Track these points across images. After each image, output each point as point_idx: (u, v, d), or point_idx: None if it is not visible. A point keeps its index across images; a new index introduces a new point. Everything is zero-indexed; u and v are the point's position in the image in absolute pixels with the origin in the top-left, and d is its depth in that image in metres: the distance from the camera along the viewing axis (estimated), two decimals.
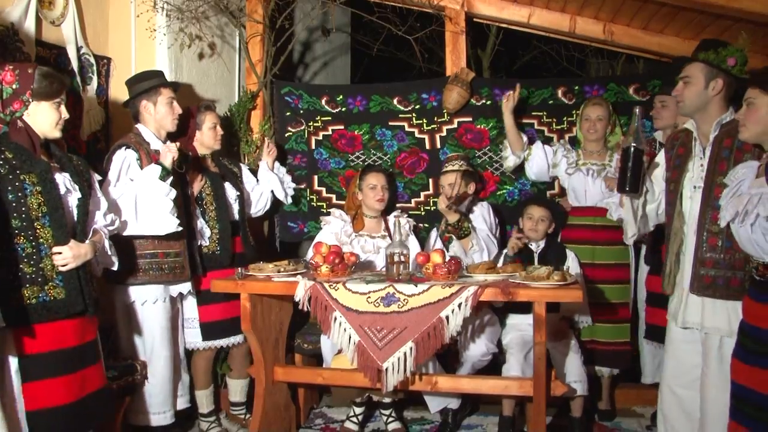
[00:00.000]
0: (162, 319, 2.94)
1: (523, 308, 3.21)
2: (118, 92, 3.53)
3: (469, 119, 3.82)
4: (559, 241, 3.50)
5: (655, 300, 3.15)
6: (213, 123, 3.24)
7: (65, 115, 2.33)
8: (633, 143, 2.44)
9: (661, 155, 2.61)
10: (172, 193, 2.76)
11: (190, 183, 3.11)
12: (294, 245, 4.20)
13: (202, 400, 3.26)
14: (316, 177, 3.99)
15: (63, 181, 2.29)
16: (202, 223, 3.16)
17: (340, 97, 3.91)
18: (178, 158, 2.86)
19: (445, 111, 3.81)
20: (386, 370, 2.65)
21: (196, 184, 3.16)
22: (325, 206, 3.96)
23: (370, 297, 2.70)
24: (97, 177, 2.56)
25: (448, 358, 3.26)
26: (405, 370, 2.65)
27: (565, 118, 3.78)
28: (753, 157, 2.18)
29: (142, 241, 2.87)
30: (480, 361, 3.16)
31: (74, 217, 2.32)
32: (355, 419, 3.28)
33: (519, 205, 3.76)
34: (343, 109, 3.92)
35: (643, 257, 3.38)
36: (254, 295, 2.89)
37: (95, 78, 3.36)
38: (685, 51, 3.81)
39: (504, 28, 4.70)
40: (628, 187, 2.48)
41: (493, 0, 3.97)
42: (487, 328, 3.20)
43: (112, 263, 2.56)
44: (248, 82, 4.07)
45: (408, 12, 4.10)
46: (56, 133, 2.32)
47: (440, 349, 2.74)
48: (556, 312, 3.16)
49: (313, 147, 3.97)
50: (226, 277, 2.98)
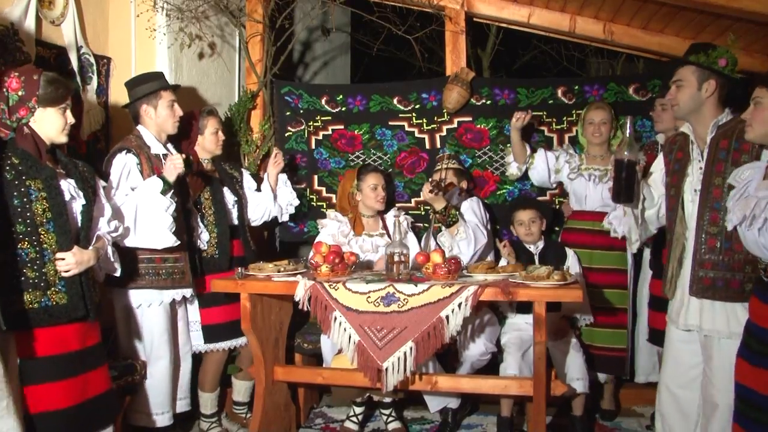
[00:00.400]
0: (161, 323, 2.93)
1: (523, 308, 3.22)
2: (118, 92, 3.52)
3: (469, 119, 3.82)
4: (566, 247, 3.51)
5: (658, 304, 3.12)
6: (215, 128, 3.24)
7: (71, 120, 2.35)
8: (626, 153, 2.43)
9: (660, 159, 2.60)
10: (171, 208, 2.76)
11: (191, 187, 3.11)
12: (294, 245, 4.20)
13: (207, 402, 3.25)
14: (316, 177, 3.99)
15: (68, 188, 2.30)
16: (201, 228, 3.15)
17: (340, 96, 3.91)
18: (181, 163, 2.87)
19: (445, 111, 3.81)
20: (386, 369, 2.65)
21: (196, 189, 3.15)
22: (325, 206, 3.96)
23: (370, 297, 2.70)
24: (102, 183, 2.57)
25: (447, 357, 3.26)
26: (405, 370, 2.65)
27: (565, 118, 3.78)
28: (751, 157, 2.18)
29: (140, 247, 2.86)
30: (479, 361, 3.17)
31: (78, 224, 2.33)
32: (355, 419, 3.28)
33: None
34: (343, 109, 3.92)
35: (648, 262, 3.37)
36: (254, 294, 2.89)
37: (95, 78, 3.36)
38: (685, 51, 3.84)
39: (504, 28, 4.71)
40: (623, 198, 2.49)
41: (493, 0, 3.97)
42: (486, 327, 3.20)
43: (115, 269, 2.57)
44: (248, 82, 4.08)
45: (408, 12, 4.10)
46: (62, 139, 2.34)
47: (440, 349, 2.74)
48: (557, 311, 3.16)
49: (313, 147, 3.97)
50: (226, 277, 2.98)
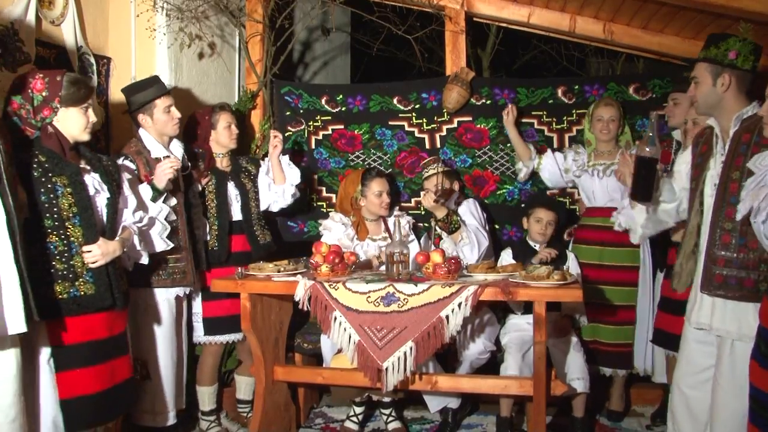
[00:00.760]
0: (165, 321, 2.96)
1: (525, 308, 3.22)
2: (118, 92, 3.51)
3: (469, 119, 3.81)
4: (573, 241, 3.50)
5: (667, 305, 3.09)
6: (227, 122, 3.27)
7: (93, 118, 2.46)
8: (647, 150, 2.40)
9: (687, 152, 2.55)
10: (163, 213, 2.80)
11: (197, 181, 3.16)
12: (294, 245, 4.20)
13: (204, 397, 3.26)
14: (315, 177, 3.99)
15: (92, 182, 2.43)
16: (205, 221, 3.19)
17: (340, 96, 3.91)
18: (183, 163, 2.94)
19: (444, 110, 3.81)
20: (386, 369, 2.65)
21: (202, 181, 3.21)
22: (325, 206, 3.97)
23: (370, 296, 2.70)
24: (126, 176, 2.66)
25: (447, 357, 3.26)
26: (405, 370, 2.65)
27: (565, 118, 3.77)
28: None
29: None
30: (478, 360, 3.17)
31: (103, 216, 2.46)
32: (355, 419, 3.28)
33: (519, 205, 3.77)
34: (343, 109, 3.92)
35: (656, 261, 3.35)
36: (254, 294, 2.89)
37: (95, 78, 3.36)
38: (685, 50, 3.84)
39: (504, 28, 4.70)
40: (641, 196, 2.46)
41: (492, 0, 3.97)
42: (485, 327, 3.20)
43: (141, 257, 2.68)
44: (248, 82, 4.08)
45: (408, 11, 4.10)
46: (85, 137, 2.45)
47: (440, 349, 2.74)
48: (557, 311, 3.16)
49: (313, 146, 3.97)
50: (226, 277, 2.99)
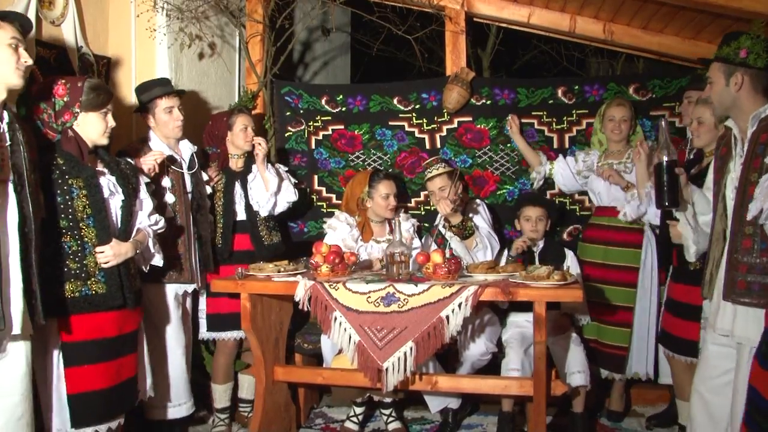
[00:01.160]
0: (173, 315, 2.99)
1: (524, 306, 3.21)
2: (118, 92, 3.53)
3: (469, 119, 3.82)
4: (581, 239, 3.51)
5: (674, 307, 3.04)
6: (244, 125, 3.28)
7: (112, 123, 2.54)
8: (665, 158, 2.39)
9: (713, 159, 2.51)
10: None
11: (207, 183, 3.21)
12: (294, 245, 4.20)
13: (218, 394, 3.30)
14: (316, 177, 3.99)
15: (107, 184, 2.51)
16: (212, 218, 3.24)
17: (340, 96, 3.91)
18: (190, 158, 3.04)
19: (445, 111, 3.81)
20: (386, 369, 2.65)
21: (213, 182, 3.27)
22: (325, 206, 3.97)
23: (370, 297, 2.70)
24: (144, 180, 2.72)
25: (447, 357, 3.26)
26: (405, 370, 2.65)
27: (565, 118, 3.77)
28: None
29: None
30: (479, 361, 3.16)
31: (118, 218, 2.54)
32: (355, 419, 3.28)
33: (518, 205, 3.77)
34: (343, 109, 3.92)
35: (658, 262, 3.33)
36: (254, 294, 2.89)
37: (95, 77, 3.36)
38: (685, 50, 3.85)
39: (504, 28, 4.70)
40: (667, 202, 2.43)
41: (492, 0, 3.97)
42: (486, 327, 3.20)
43: (155, 258, 2.73)
44: (248, 82, 4.08)
45: (408, 12, 4.10)
46: (104, 141, 2.54)
47: (440, 349, 2.74)
48: (557, 309, 3.16)
49: (313, 147, 3.97)
50: (227, 277, 2.99)
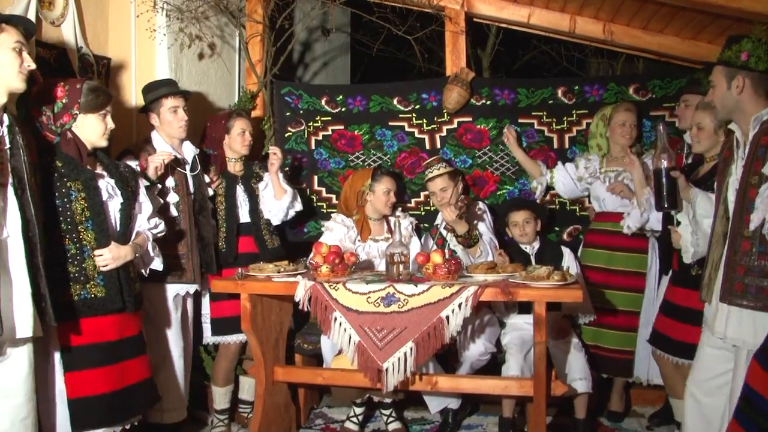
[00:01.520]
0: (172, 317, 2.98)
1: (523, 308, 3.21)
2: (118, 93, 3.53)
3: (469, 119, 3.81)
4: (582, 244, 3.50)
5: (669, 309, 3.03)
6: (242, 129, 3.28)
7: (111, 125, 2.53)
8: (663, 162, 2.40)
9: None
10: (154, 202, 2.81)
11: (209, 185, 3.21)
12: (294, 245, 4.20)
13: (218, 396, 3.30)
14: (315, 177, 3.99)
15: (106, 187, 2.49)
16: (214, 222, 3.23)
17: (340, 97, 3.91)
18: (192, 160, 3.03)
19: (445, 111, 3.81)
20: (386, 370, 2.65)
21: (213, 185, 3.26)
22: (325, 206, 3.96)
23: (370, 297, 2.70)
24: (143, 183, 2.70)
25: (447, 358, 3.26)
26: (405, 370, 2.65)
27: (565, 118, 3.77)
28: None
29: None
30: (478, 361, 3.16)
31: (116, 221, 2.52)
32: (355, 419, 3.28)
33: None
34: (343, 109, 3.92)
35: (659, 265, 3.32)
36: (254, 295, 2.89)
37: (95, 78, 3.36)
38: (685, 51, 3.85)
39: (504, 28, 4.70)
40: (667, 205, 2.46)
41: (492, 0, 3.97)
42: (486, 327, 3.20)
43: (155, 262, 2.72)
44: (248, 83, 4.08)
45: (408, 12, 4.10)
46: (103, 143, 2.53)
47: (440, 349, 2.74)
48: (558, 310, 3.16)
49: (313, 147, 3.97)
50: (227, 277, 2.99)
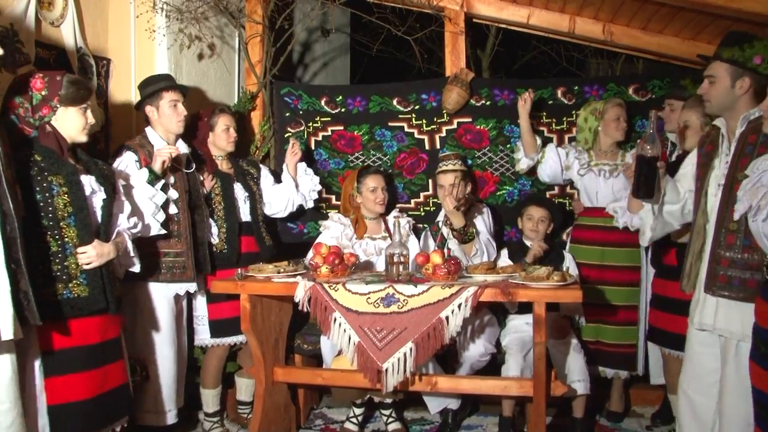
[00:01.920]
0: (166, 318, 2.97)
1: (523, 308, 3.21)
2: (118, 93, 3.53)
3: (469, 120, 3.81)
4: (570, 241, 3.50)
5: (659, 303, 3.13)
6: (226, 125, 3.28)
7: (91, 120, 2.46)
8: (648, 148, 2.41)
9: (693, 154, 2.55)
10: (158, 197, 2.81)
11: (202, 184, 3.18)
12: (293, 246, 4.20)
13: (209, 399, 3.27)
14: None
15: (89, 182, 2.40)
16: (212, 222, 3.20)
17: (340, 97, 3.91)
18: (188, 159, 2.96)
19: (444, 111, 3.81)
20: (386, 370, 2.65)
21: (207, 184, 3.22)
22: (324, 206, 3.96)
23: (369, 298, 2.70)
24: (121, 182, 2.65)
25: (447, 358, 3.25)
26: (405, 371, 2.65)
27: (564, 118, 3.77)
28: None
29: (142, 240, 2.87)
30: (479, 362, 3.16)
31: (98, 218, 2.44)
32: (355, 420, 3.28)
33: (518, 206, 3.77)
34: (343, 110, 3.92)
35: (649, 260, 3.36)
36: (254, 295, 2.89)
37: (95, 79, 3.36)
38: (685, 51, 3.85)
39: (503, 29, 4.70)
40: (643, 193, 2.46)
41: (492, 0, 3.97)
42: (486, 328, 3.20)
43: (134, 264, 2.66)
44: (248, 83, 4.08)
45: (407, 12, 4.10)
46: (83, 137, 2.44)
47: (440, 350, 2.74)
48: (556, 311, 3.16)
49: (313, 147, 3.97)
50: (226, 278, 2.99)
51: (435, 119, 3.85)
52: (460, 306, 2.59)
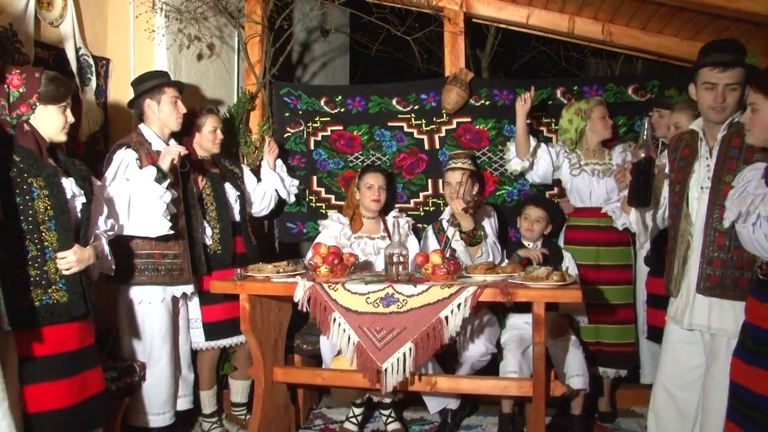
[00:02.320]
0: (162, 320, 2.94)
1: (522, 307, 3.21)
2: (117, 93, 3.53)
3: (468, 120, 3.81)
4: (563, 242, 3.50)
5: (656, 301, 3.15)
6: (213, 127, 3.24)
7: (71, 119, 2.34)
8: (642, 155, 2.41)
9: (664, 158, 2.57)
10: (166, 196, 2.76)
11: (195, 184, 3.13)
12: (293, 246, 4.20)
13: (205, 400, 3.27)
14: (315, 177, 3.99)
15: (69, 186, 2.30)
16: (204, 223, 3.17)
17: (339, 97, 3.91)
18: (181, 159, 2.87)
19: (444, 111, 3.81)
20: (385, 370, 2.65)
21: (198, 184, 3.17)
22: (324, 207, 3.96)
23: (369, 297, 2.70)
24: (97, 183, 2.57)
25: (447, 358, 3.25)
26: (404, 371, 2.64)
27: None
28: (764, 156, 2.15)
29: (138, 241, 2.86)
30: (479, 362, 3.16)
31: (78, 222, 2.33)
32: (354, 420, 3.28)
33: (518, 206, 3.77)
34: (342, 110, 3.92)
35: (643, 259, 3.38)
36: (253, 295, 2.89)
37: (94, 79, 3.36)
38: (684, 51, 3.86)
39: (503, 29, 4.70)
40: (640, 201, 2.46)
41: (491, 0, 3.97)
42: (486, 328, 3.20)
43: (111, 269, 2.57)
44: (247, 83, 4.08)
45: (407, 12, 4.10)
46: (62, 137, 2.33)
47: (439, 350, 2.74)
48: (555, 310, 3.16)
49: (312, 147, 3.97)
50: (226, 278, 2.98)
51: (434, 119, 3.85)
52: (459, 306, 2.59)
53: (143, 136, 2.98)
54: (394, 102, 3.88)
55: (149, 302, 2.90)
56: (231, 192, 3.32)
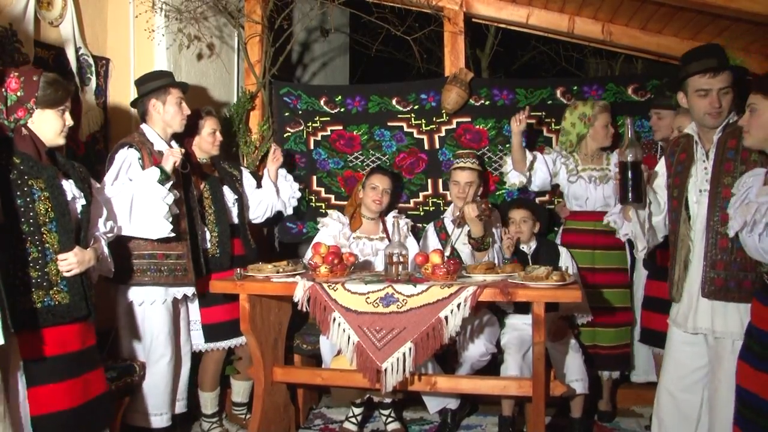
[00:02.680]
0: (162, 321, 2.93)
1: (522, 308, 3.21)
2: (117, 93, 3.53)
3: (468, 119, 3.81)
4: (561, 245, 3.50)
5: (652, 304, 3.16)
6: (212, 129, 3.22)
7: (69, 122, 2.32)
8: (629, 155, 2.42)
9: (662, 163, 2.58)
10: (169, 197, 2.75)
11: (196, 186, 3.12)
12: (293, 245, 4.20)
13: (207, 402, 3.25)
14: (314, 177, 3.99)
15: (69, 188, 2.29)
16: (203, 227, 3.15)
17: (339, 97, 3.91)
18: (182, 160, 2.86)
19: (443, 111, 3.81)
20: (385, 370, 2.64)
21: (198, 187, 3.16)
22: (323, 206, 3.96)
23: (369, 297, 2.70)
24: (96, 185, 2.57)
25: (447, 358, 3.25)
26: (404, 371, 2.64)
27: None
28: (760, 157, 2.16)
29: (141, 242, 2.85)
30: (479, 362, 3.16)
31: (79, 223, 2.33)
32: (354, 420, 3.28)
33: None
34: (342, 110, 3.92)
35: (641, 261, 3.36)
36: (253, 295, 2.88)
37: (94, 79, 3.36)
38: (684, 51, 3.81)
39: (503, 29, 4.70)
40: (631, 199, 2.47)
41: (491, 0, 3.97)
42: (486, 328, 3.19)
43: (110, 271, 2.57)
44: (247, 83, 4.08)
45: (407, 12, 4.10)
46: (60, 141, 2.32)
47: (439, 350, 2.74)
48: (555, 311, 3.16)
49: (312, 147, 3.97)
50: (225, 278, 2.98)
51: (434, 119, 3.85)
52: (459, 306, 2.59)
53: (145, 136, 2.96)
54: (394, 102, 3.88)
55: (151, 303, 2.90)
56: (229, 195, 3.31)
